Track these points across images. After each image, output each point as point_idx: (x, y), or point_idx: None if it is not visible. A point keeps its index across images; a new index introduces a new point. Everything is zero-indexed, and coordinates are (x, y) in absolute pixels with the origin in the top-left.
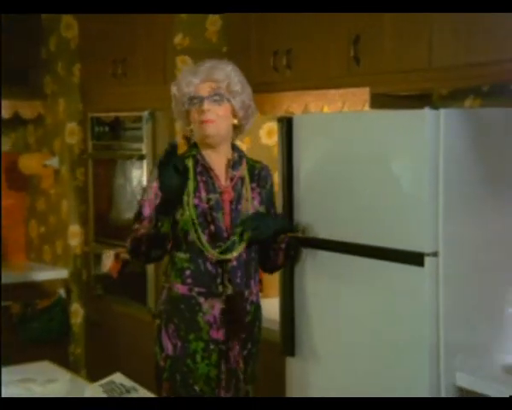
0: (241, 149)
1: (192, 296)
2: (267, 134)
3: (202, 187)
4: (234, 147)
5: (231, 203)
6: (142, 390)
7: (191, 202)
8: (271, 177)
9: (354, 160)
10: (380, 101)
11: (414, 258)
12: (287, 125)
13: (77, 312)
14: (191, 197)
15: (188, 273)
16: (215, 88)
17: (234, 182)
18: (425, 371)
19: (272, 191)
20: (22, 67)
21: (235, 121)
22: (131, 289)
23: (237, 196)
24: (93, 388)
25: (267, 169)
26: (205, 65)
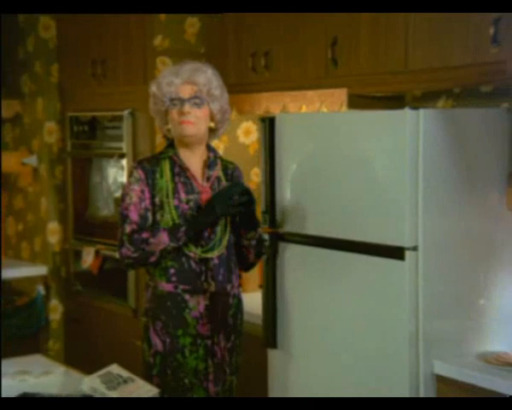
0: (216, 150)
1: (178, 294)
2: (244, 133)
3: (181, 188)
4: (209, 148)
5: None
6: (138, 380)
7: (172, 204)
8: (243, 177)
9: (336, 158)
10: (357, 101)
11: (395, 252)
12: (269, 124)
13: (56, 308)
14: (171, 198)
15: (172, 272)
16: (196, 91)
17: (211, 182)
18: (405, 359)
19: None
20: None
21: (211, 124)
22: (112, 285)
23: None
24: (91, 379)
25: (239, 170)
26: (186, 66)
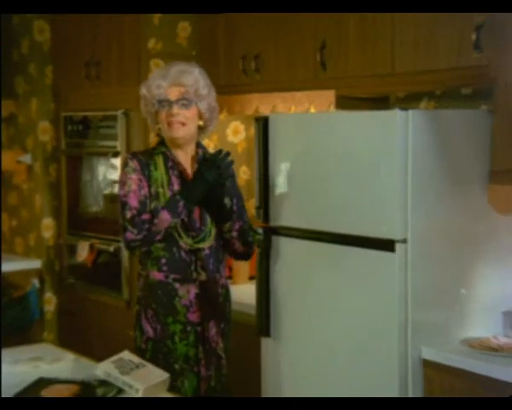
0: (206, 147)
1: (168, 283)
2: (233, 132)
3: (175, 181)
4: (199, 145)
5: None
6: (149, 365)
7: (166, 194)
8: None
9: (328, 156)
10: (345, 102)
11: (385, 244)
12: (263, 123)
13: (50, 300)
14: (165, 189)
15: (163, 261)
16: (183, 92)
17: None
18: (394, 345)
19: (235, 182)
20: None
21: (200, 123)
22: (106, 277)
23: None
24: (105, 364)
25: None
26: (173, 68)
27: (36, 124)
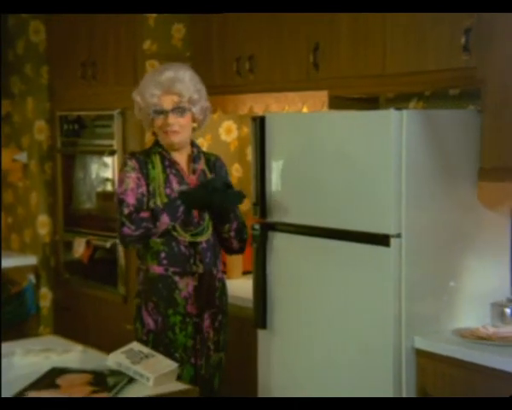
0: (199, 145)
1: (168, 276)
2: (226, 132)
3: (173, 179)
4: (193, 144)
5: None
6: (158, 355)
7: (163, 192)
8: (225, 166)
9: (324, 154)
10: (337, 102)
11: (380, 239)
12: (260, 122)
13: (46, 295)
14: (162, 187)
15: (163, 255)
16: (177, 102)
17: (197, 174)
18: (389, 335)
19: (228, 178)
20: None
21: (195, 125)
22: (102, 273)
23: None
24: (116, 354)
25: (220, 160)
26: (165, 74)
27: (32, 123)
